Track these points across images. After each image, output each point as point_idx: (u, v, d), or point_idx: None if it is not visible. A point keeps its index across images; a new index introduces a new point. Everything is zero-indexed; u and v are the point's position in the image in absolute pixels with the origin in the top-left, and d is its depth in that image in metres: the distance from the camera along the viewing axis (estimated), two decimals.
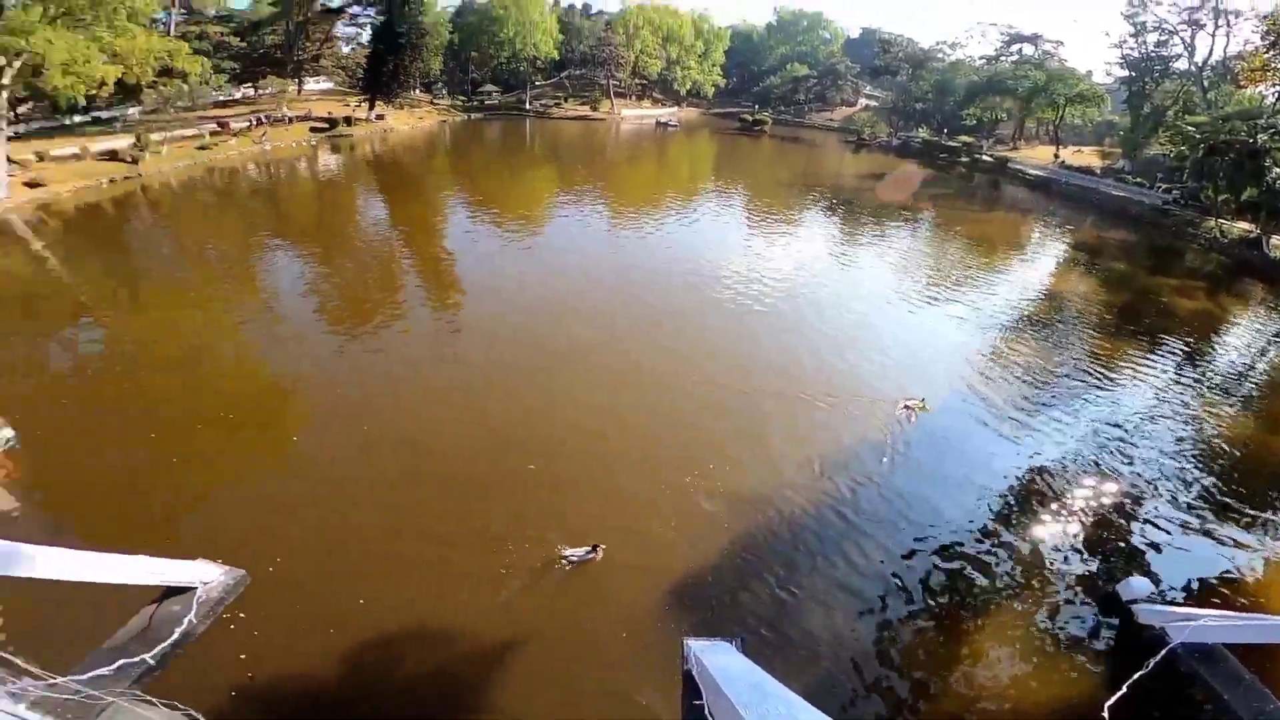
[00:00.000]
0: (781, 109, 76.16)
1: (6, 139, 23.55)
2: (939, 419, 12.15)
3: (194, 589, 6.48)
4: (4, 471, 8.85)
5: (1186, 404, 14.07)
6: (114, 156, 26.81)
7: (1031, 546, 9.19)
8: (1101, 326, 18.40)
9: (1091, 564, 8.92)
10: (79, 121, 32.02)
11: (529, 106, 64.36)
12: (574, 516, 8.80)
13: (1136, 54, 45.61)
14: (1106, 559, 9.05)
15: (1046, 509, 10.00)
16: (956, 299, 19.21)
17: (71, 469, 9.25)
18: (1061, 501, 10.21)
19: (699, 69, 77.20)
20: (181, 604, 6.44)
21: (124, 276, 17.97)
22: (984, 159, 53.29)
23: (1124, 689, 5.16)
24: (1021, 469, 10.98)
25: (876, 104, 75.41)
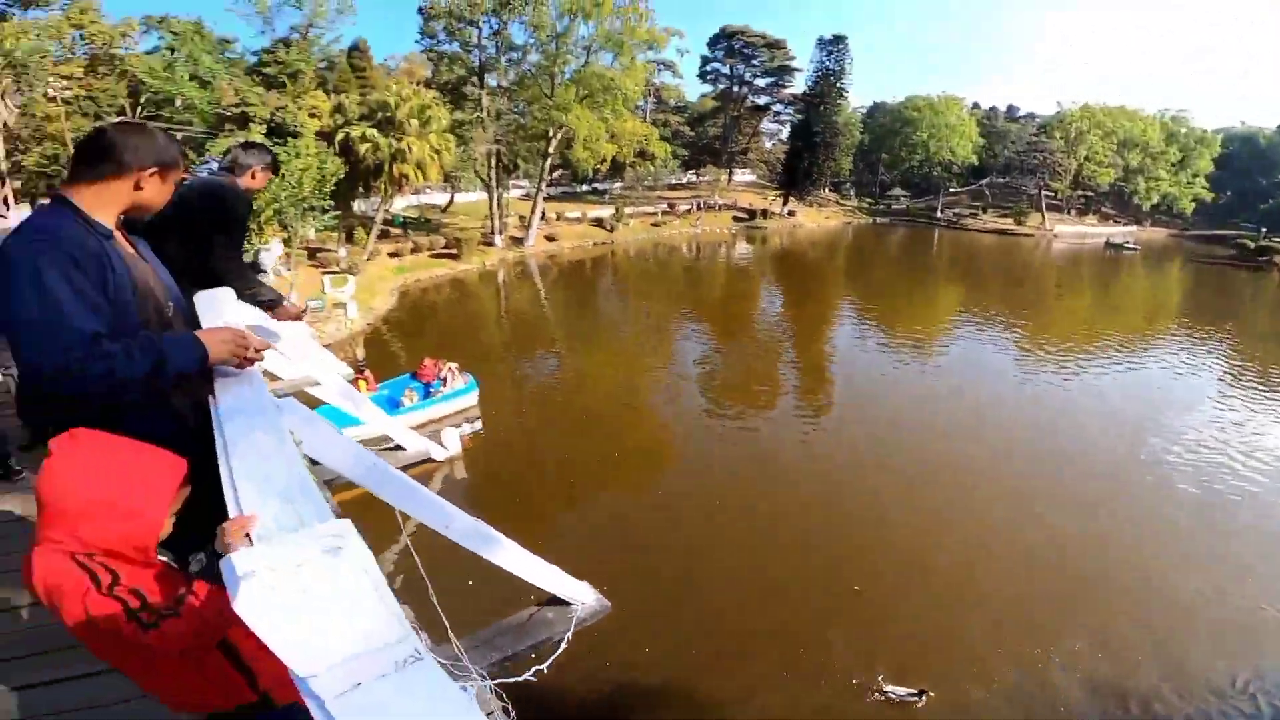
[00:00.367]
0: None
1: (544, 198, 33.27)
2: None
3: (572, 605, 7.65)
4: (465, 453, 11.48)
5: None
6: (600, 224, 35.40)
7: None
8: None
9: None
10: (583, 190, 43.13)
11: (940, 214, 61.08)
12: (901, 647, 7.97)
13: None
14: None
15: None
16: None
17: (501, 463, 11.87)
18: None
19: (1171, 180, 61.23)
20: (556, 615, 7.62)
21: (585, 320, 23.23)
22: None
23: None
24: None
25: None
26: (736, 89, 58.49)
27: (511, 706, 2.75)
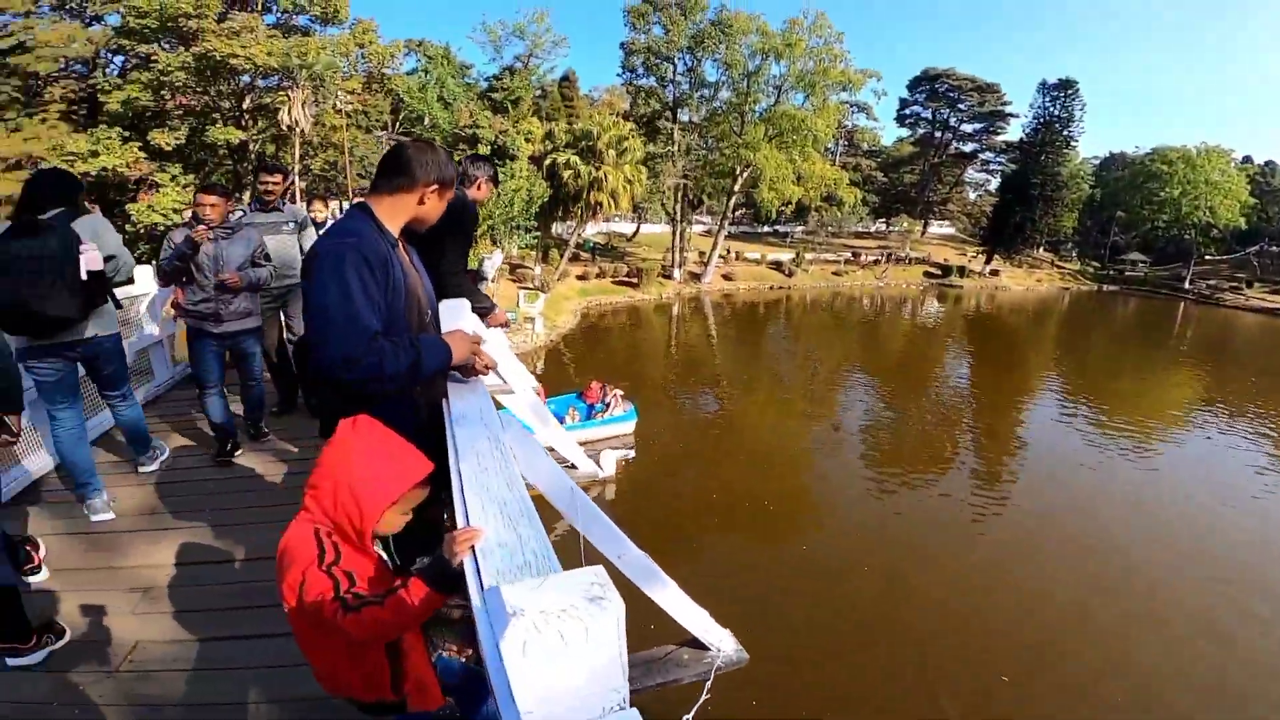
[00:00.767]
0: None
1: (725, 236, 33.56)
2: None
3: (710, 650, 7.25)
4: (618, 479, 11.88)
5: None
6: (778, 267, 34.84)
7: None
8: None
9: None
10: (764, 231, 42.80)
11: (1188, 286, 50.93)
12: None
13: None
14: None
15: None
16: None
17: (646, 494, 11.60)
18: None
19: None
20: (691, 658, 7.24)
21: (751, 362, 22.74)
22: None
23: None
24: None
25: None
26: (938, 134, 54.54)
27: None
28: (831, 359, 24.30)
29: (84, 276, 2.90)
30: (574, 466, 5.30)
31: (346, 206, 10.15)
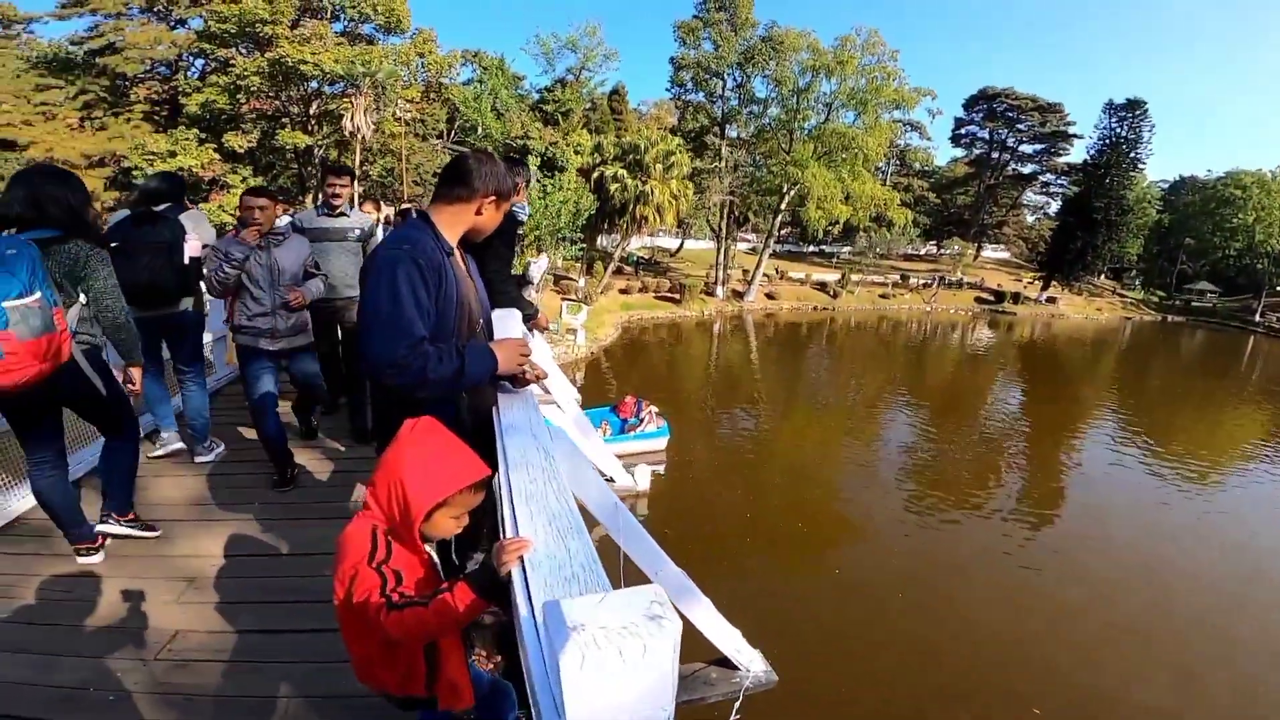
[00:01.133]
0: None
1: (769, 254, 33.28)
2: None
3: (739, 670, 7.05)
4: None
5: None
6: (823, 287, 34.34)
7: None
8: None
9: None
10: (809, 251, 42.27)
11: (1259, 318, 48.32)
12: None
13: None
14: None
15: None
16: None
17: (675, 511, 11.28)
18: None
19: None
20: (720, 676, 7.05)
21: (790, 384, 22.29)
22: None
23: None
24: None
25: None
26: (995, 155, 53.01)
27: None
28: (874, 383, 23.71)
29: (186, 261, 3.65)
30: (611, 480, 5.25)
31: (392, 212, 10.43)
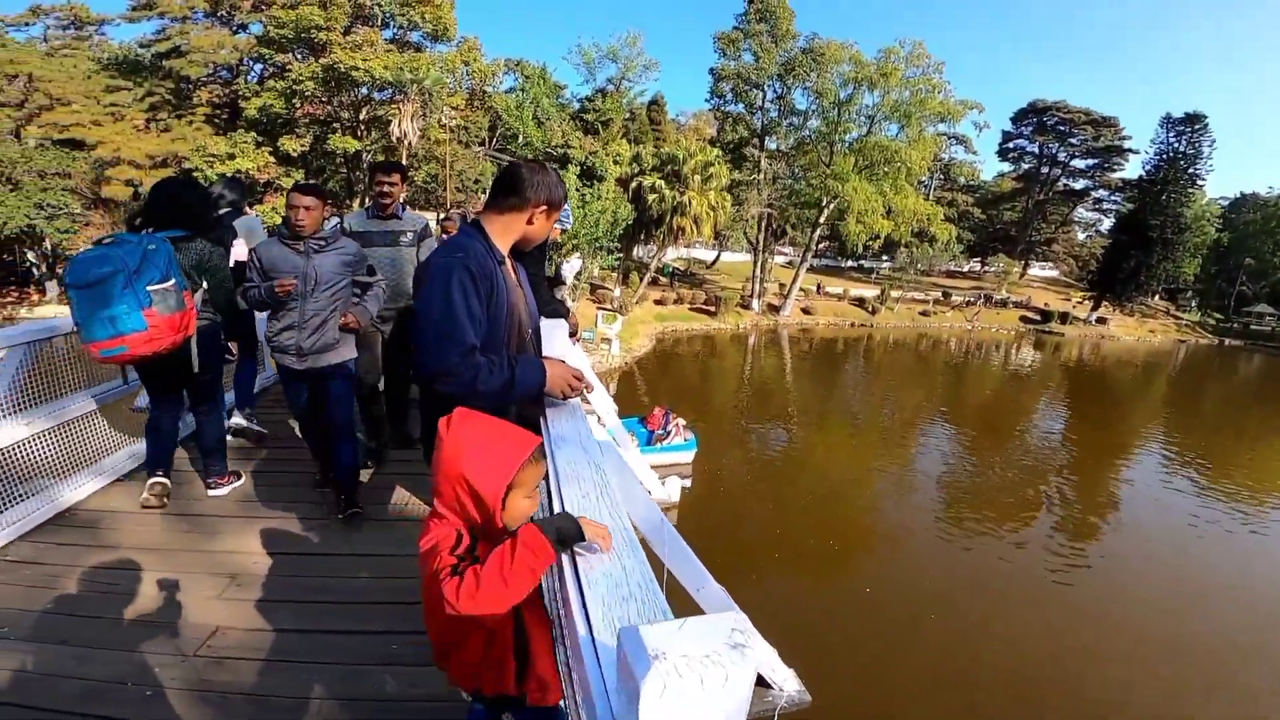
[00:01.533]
0: None
1: (807, 268, 32.88)
2: None
3: (772, 689, 6.86)
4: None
5: None
6: (861, 303, 33.72)
7: None
8: None
9: None
10: (847, 266, 41.60)
11: None
12: None
13: None
14: None
15: None
16: None
17: (701, 525, 11.07)
18: None
19: None
20: (754, 694, 6.91)
21: (825, 400, 21.95)
22: None
23: None
24: None
25: None
26: (1045, 170, 51.56)
27: None
28: (911, 401, 23.21)
29: (232, 264, 3.64)
30: (648, 493, 5.18)
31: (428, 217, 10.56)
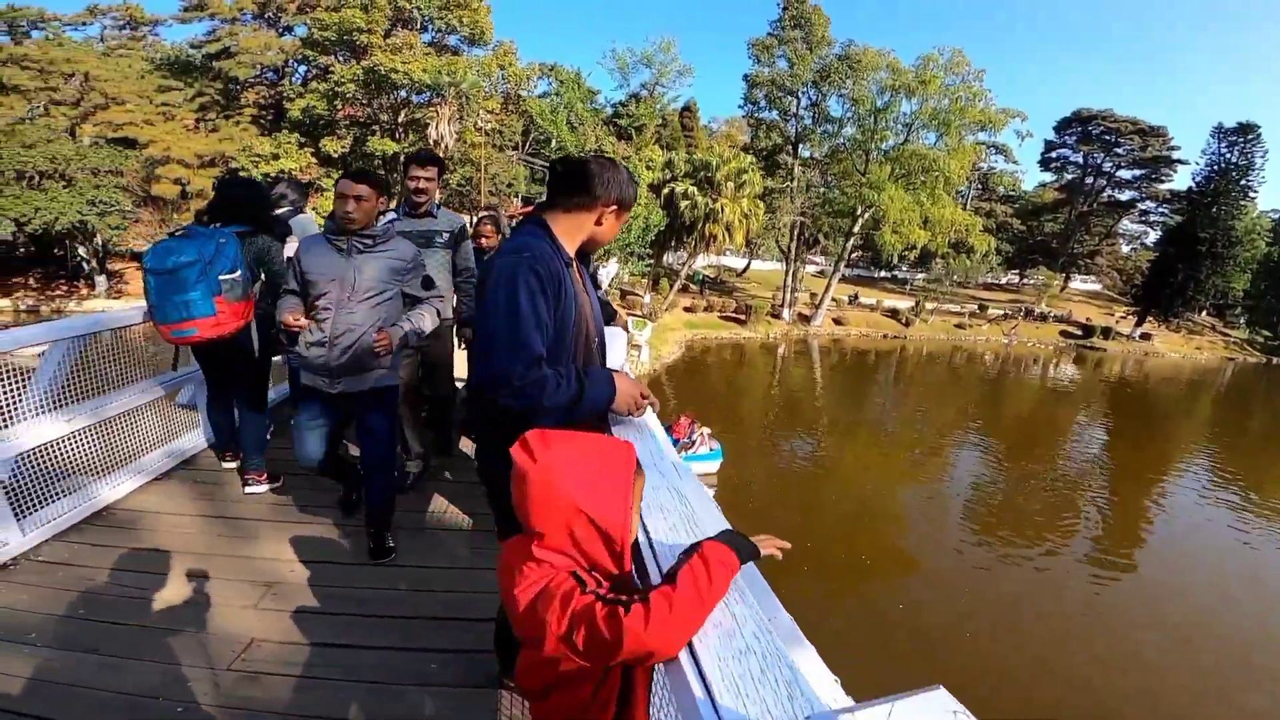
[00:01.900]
0: None
1: (840, 278, 32.39)
2: None
3: None
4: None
5: None
6: (894, 315, 33.04)
7: None
8: None
9: None
10: (881, 277, 40.88)
11: None
12: None
13: None
14: None
15: None
16: None
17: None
18: None
19: None
20: None
21: (854, 412, 21.67)
22: None
23: None
24: None
25: None
26: (1090, 180, 50.22)
27: None
28: (944, 415, 22.75)
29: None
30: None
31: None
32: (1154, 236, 50.17)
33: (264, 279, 3.37)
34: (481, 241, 4.22)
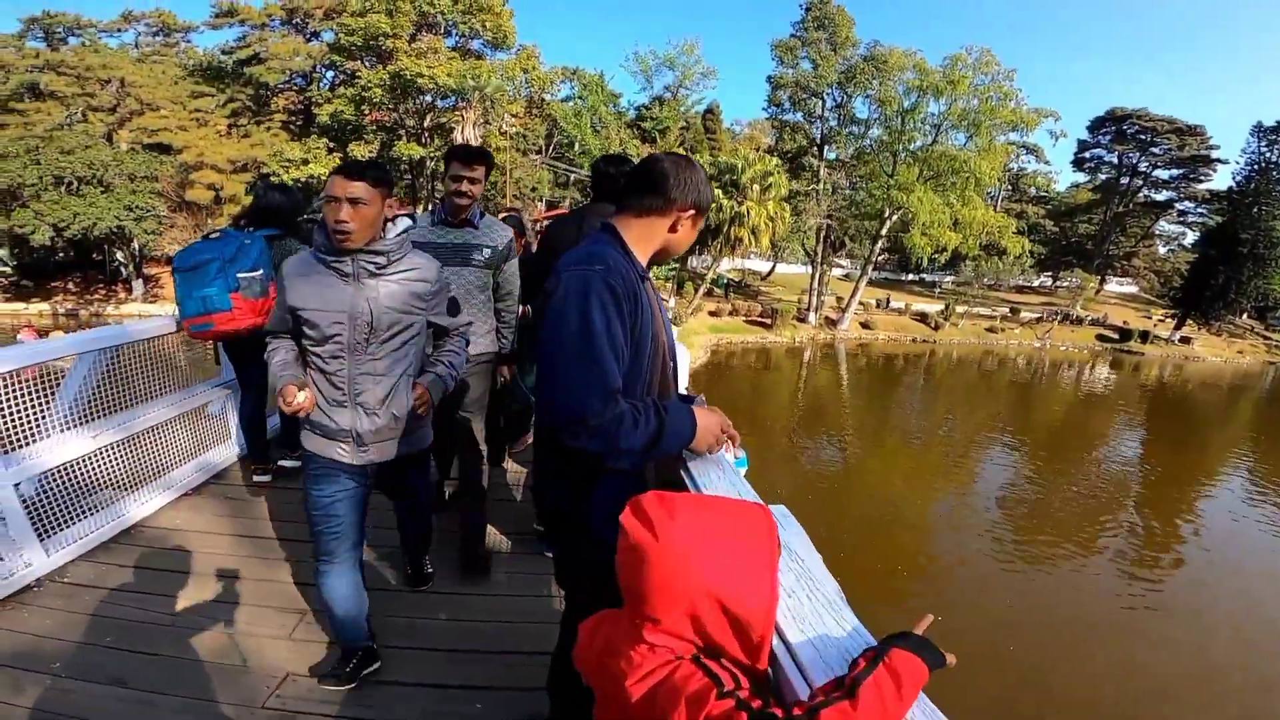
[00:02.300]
0: None
1: (867, 282, 31.83)
2: None
3: None
4: None
5: None
6: (923, 318, 32.37)
7: None
8: None
9: None
10: (908, 280, 40.13)
11: None
12: None
13: None
14: None
15: None
16: None
17: None
18: None
19: None
20: None
21: (881, 417, 21.14)
22: None
23: None
24: None
25: None
26: (1125, 181, 48.89)
27: None
28: (974, 420, 22.15)
29: None
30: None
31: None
32: (1193, 238, 48.72)
33: None
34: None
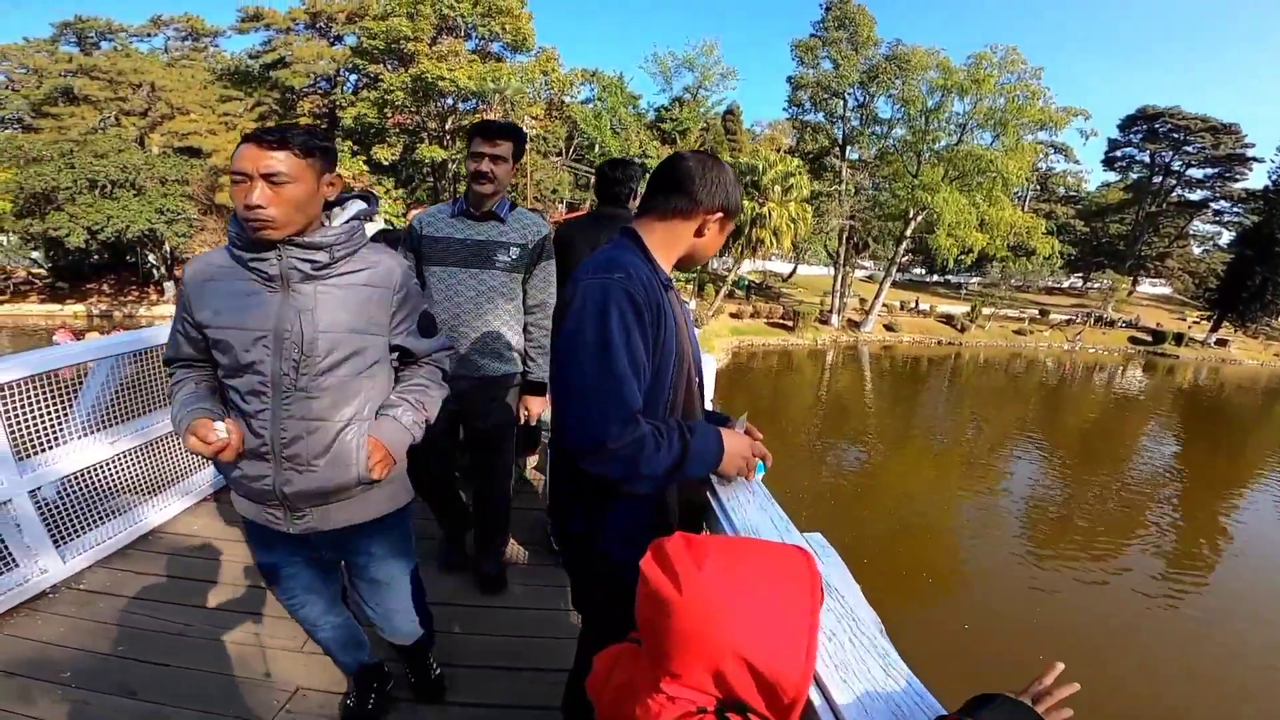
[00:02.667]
0: None
1: (891, 283, 31.38)
2: None
3: None
4: None
5: None
6: (949, 321, 31.78)
7: None
8: None
9: None
10: (934, 281, 39.48)
11: None
12: None
13: None
14: None
15: None
16: None
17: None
18: None
19: None
20: None
21: (905, 420, 20.81)
22: None
23: None
24: None
25: None
26: (1158, 180, 47.77)
27: None
28: (1000, 424, 21.68)
29: None
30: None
31: None
32: (1228, 237, 47.42)
33: None
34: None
